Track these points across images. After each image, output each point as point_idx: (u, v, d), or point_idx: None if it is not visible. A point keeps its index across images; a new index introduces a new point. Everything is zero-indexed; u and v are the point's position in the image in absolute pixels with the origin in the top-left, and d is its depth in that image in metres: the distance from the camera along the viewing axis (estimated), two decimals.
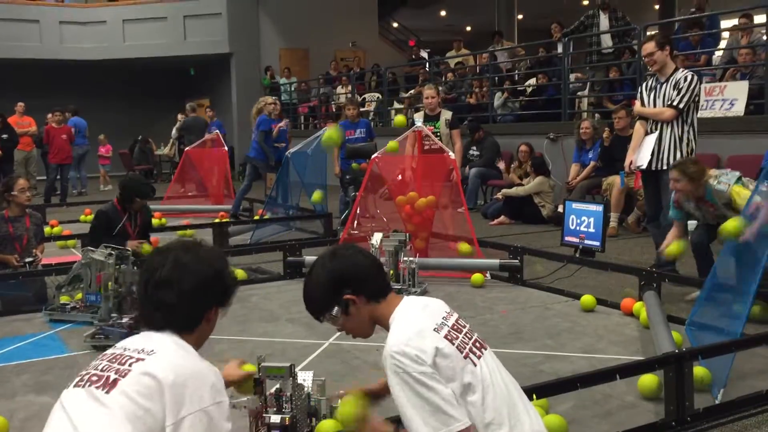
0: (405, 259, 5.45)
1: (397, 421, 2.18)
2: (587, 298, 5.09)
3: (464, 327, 2.22)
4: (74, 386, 1.85)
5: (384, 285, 2.27)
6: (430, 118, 7.72)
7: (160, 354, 1.85)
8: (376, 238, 5.56)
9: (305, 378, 2.77)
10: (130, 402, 1.74)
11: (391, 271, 5.44)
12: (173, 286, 1.93)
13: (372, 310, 2.24)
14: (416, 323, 2.12)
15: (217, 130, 12.77)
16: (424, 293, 5.42)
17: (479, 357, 2.15)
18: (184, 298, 1.93)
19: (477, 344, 2.19)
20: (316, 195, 8.62)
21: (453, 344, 2.09)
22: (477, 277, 5.88)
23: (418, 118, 7.89)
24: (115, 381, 1.78)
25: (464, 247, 6.16)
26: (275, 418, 2.62)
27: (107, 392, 1.77)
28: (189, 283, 1.94)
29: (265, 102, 10.43)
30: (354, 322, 2.27)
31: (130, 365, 1.81)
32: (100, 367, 1.85)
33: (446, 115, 7.75)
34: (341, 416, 2.28)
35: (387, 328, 2.19)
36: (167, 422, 1.74)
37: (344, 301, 2.21)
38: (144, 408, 1.73)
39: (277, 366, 2.69)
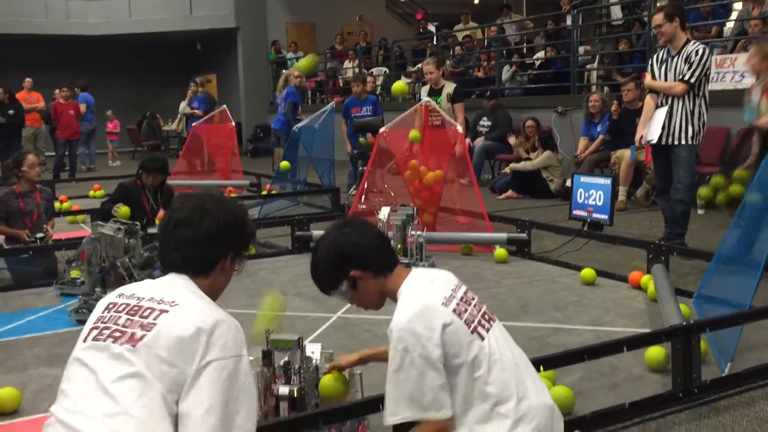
0: (412, 233, 5.45)
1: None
2: (587, 272, 5.09)
3: (473, 299, 2.21)
4: (93, 339, 1.80)
5: (389, 259, 2.27)
6: (435, 92, 7.67)
7: (183, 306, 1.82)
8: (384, 212, 5.56)
9: (313, 350, 2.79)
10: (157, 359, 1.71)
11: (399, 245, 5.44)
12: (192, 225, 1.95)
13: (380, 284, 2.24)
14: (424, 297, 2.11)
15: (198, 105, 13.00)
16: (431, 267, 5.41)
17: (488, 330, 2.15)
18: (202, 238, 1.94)
19: (486, 317, 2.19)
20: (284, 164, 8.72)
21: (461, 318, 2.09)
22: (500, 252, 5.83)
23: (424, 92, 7.84)
24: (142, 337, 1.75)
25: (500, 252, 5.92)
26: (283, 390, 2.65)
27: (133, 347, 1.73)
28: (208, 224, 1.95)
29: (291, 74, 10.49)
30: (363, 296, 2.28)
31: (154, 319, 1.79)
32: (120, 322, 1.81)
33: (448, 88, 7.67)
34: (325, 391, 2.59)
35: (395, 300, 2.19)
36: (191, 369, 1.71)
37: (351, 278, 2.22)
38: (171, 363, 1.71)
39: (285, 338, 2.71)
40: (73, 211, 8.32)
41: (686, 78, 5.50)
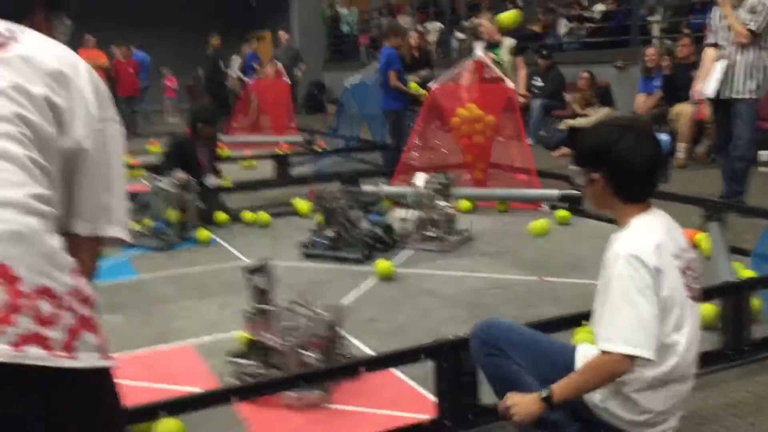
0: (441, 204, 5.08)
1: None
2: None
3: (696, 270, 2.11)
4: None
5: (639, 192, 2.10)
6: (490, 46, 7.57)
7: (24, 37, 1.34)
8: (420, 179, 5.25)
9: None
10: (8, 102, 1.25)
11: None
12: None
13: (614, 201, 2.10)
14: (658, 238, 2.01)
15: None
16: (464, 241, 5.11)
17: (694, 304, 2.09)
18: None
19: (697, 292, 2.10)
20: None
21: (683, 278, 2.03)
22: (562, 212, 5.63)
23: (479, 47, 7.74)
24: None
25: (562, 213, 5.68)
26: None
27: None
28: None
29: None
30: (592, 195, 2.16)
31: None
32: None
33: (509, 42, 7.58)
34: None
35: (622, 224, 2.09)
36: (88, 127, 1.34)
37: (590, 177, 2.11)
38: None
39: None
40: (132, 165, 8.55)
41: (750, 27, 5.29)
